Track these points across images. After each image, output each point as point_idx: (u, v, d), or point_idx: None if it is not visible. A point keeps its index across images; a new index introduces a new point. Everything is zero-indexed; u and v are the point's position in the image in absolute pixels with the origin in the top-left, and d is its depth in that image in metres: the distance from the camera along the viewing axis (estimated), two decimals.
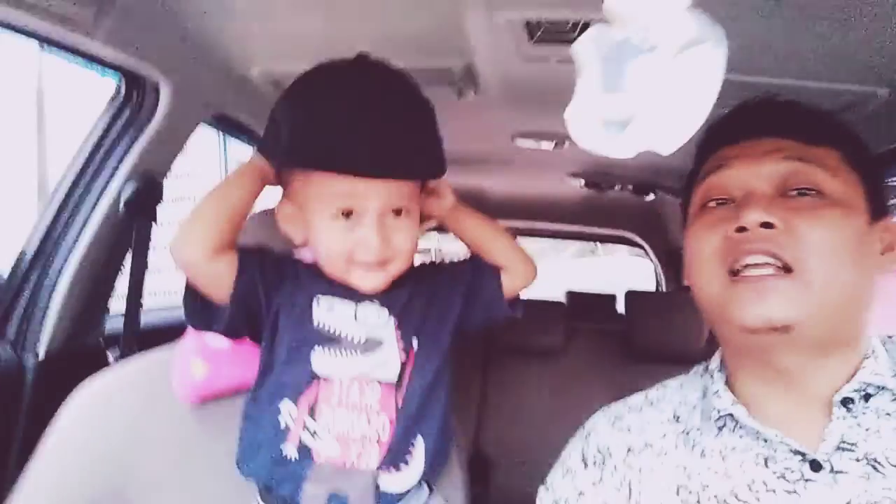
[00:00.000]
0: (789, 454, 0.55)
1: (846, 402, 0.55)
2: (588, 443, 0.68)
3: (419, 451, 0.77)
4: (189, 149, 1.24)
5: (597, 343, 1.99)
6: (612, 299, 2.70)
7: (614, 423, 0.68)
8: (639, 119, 0.48)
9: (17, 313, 1.10)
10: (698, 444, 0.61)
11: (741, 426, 0.59)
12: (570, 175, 1.90)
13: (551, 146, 1.46)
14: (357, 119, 0.70)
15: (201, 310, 0.76)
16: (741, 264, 0.55)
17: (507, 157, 1.69)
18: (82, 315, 1.15)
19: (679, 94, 0.47)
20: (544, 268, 0.88)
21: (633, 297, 1.97)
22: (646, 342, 1.87)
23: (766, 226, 0.55)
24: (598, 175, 1.88)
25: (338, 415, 0.73)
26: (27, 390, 1.07)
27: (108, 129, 1.12)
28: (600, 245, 6.10)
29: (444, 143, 0.78)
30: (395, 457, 0.75)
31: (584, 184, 1.95)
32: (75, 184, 1.12)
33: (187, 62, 1.04)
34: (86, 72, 1.06)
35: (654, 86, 0.47)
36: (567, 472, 0.68)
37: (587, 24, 0.84)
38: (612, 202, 2.19)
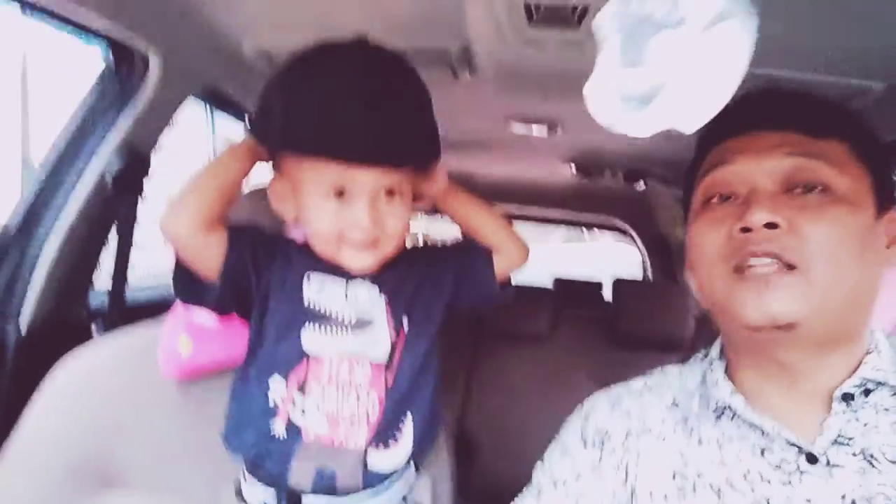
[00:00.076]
0: (786, 446, 0.55)
1: (846, 398, 0.55)
2: (587, 423, 0.68)
3: (408, 430, 0.77)
4: (176, 124, 1.22)
5: (583, 330, 2.00)
6: (599, 287, 2.72)
7: (614, 406, 0.68)
8: (662, 96, 0.47)
9: (0, 287, 1.09)
10: (696, 431, 0.61)
11: (739, 416, 0.58)
12: (561, 160, 1.90)
13: (545, 131, 1.46)
14: (351, 105, 0.69)
15: (190, 285, 0.75)
16: (745, 264, 0.55)
17: (500, 141, 1.68)
18: (66, 289, 1.14)
19: (705, 70, 0.46)
20: (532, 252, 0.88)
21: (621, 285, 1.99)
22: (632, 330, 1.88)
23: (771, 226, 0.54)
24: (590, 161, 1.88)
25: (327, 393, 0.73)
26: (9, 364, 1.06)
27: (95, 102, 1.10)
28: (587, 231, 6.13)
29: (438, 125, 0.78)
30: (384, 436, 0.75)
31: (576, 169, 1.95)
32: (61, 157, 1.09)
33: (177, 33, 1.02)
34: (71, 45, 1.03)
35: (679, 61, 0.46)
36: (565, 452, 0.68)
37: (586, 9, 0.83)
38: (602, 189, 2.19)
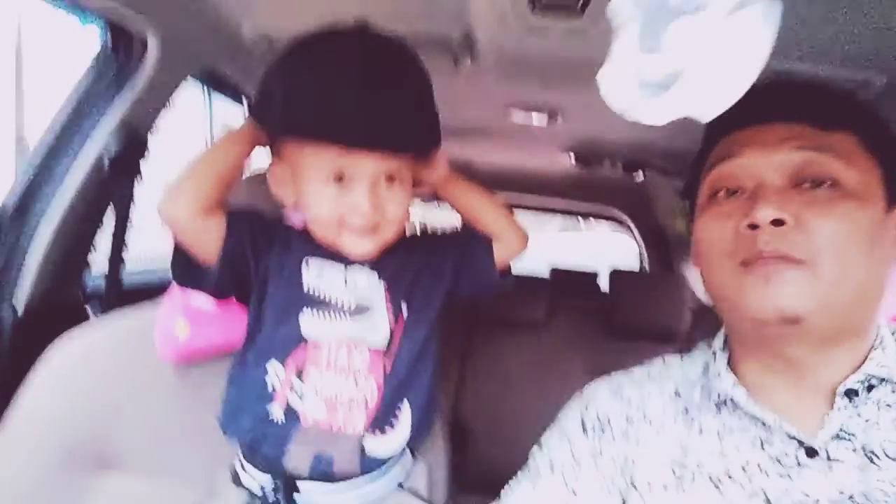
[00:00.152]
0: (786, 439, 0.55)
1: (849, 394, 0.55)
2: (588, 409, 0.68)
3: (405, 416, 0.78)
4: (174, 106, 1.21)
5: (579, 319, 2.00)
6: (595, 277, 2.72)
7: (615, 393, 0.68)
8: (679, 83, 0.46)
9: None
10: (696, 422, 0.61)
11: (740, 408, 0.58)
12: (561, 149, 1.89)
13: (545, 120, 1.45)
14: (351, 91, 0.68)
15: (189, 270, 0.75)
16: (752, 259, 0.54)
17: (500, 129, 1.67)
18: (62, 271, 1.13)
19: (726, 57, 0.45)
20: (530, 241, 0.88)
21: (618, 275, 1.99)
22: (628, 320, 1.89)
23: (777, 223, 0.53)
24: (589, 151, 1.87)
25: (325, 378, 0.73)
26: (4, 345, 1.05)
27: (92, 82, 1.09)
28: (583, 220, 6.13)
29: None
30: (382, 422, 0.76)
31: (575, 159, 1.94)
32: (58, 137, 1.08)
33: (176, 14, 1.01)
34: (66, 25, 1.02)
35: (699, 48, 0.45)
36: (564, 437, 0.68)
37: None
38: (601, 179, 2.19)
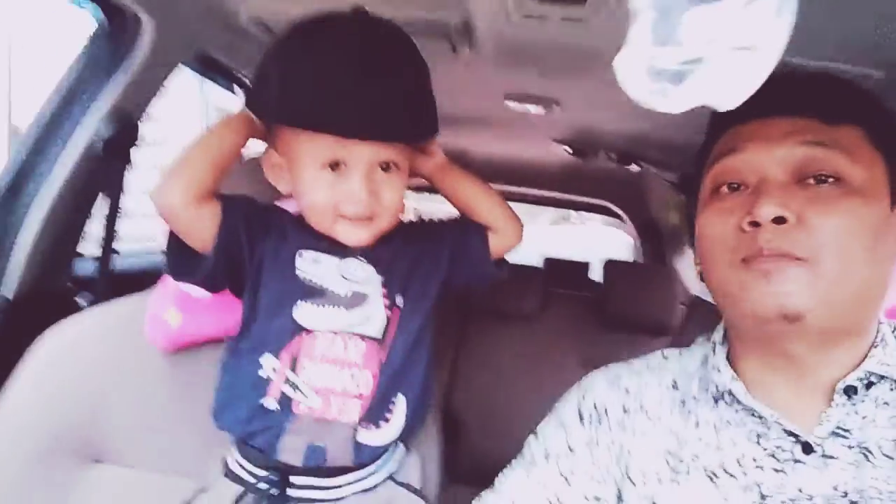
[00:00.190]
0: (783, 434, 0.55)
1: (848, 391, 0.55)
2: (585, 399, 0.68)
3: (400, 408, 0.77)
4: (166, 92, 1.19)
5: (572, 310, 2.00)
6: (586, 267, 2.73)
7: (612, 383, 0.68)
8: (698, 72, 0.45)
9: None
10: (693, 414, 0.61)
11: (738, 401, 0.58)
12: (556, 140, 1.88)
13: (542, 109, 1.44)
14: (348, 78, 0.68)
15: (184, 260, 0.74)
16: (753, 256, 0.54)
17: (497, 119, 1.66)
18: (52, 257, 1.12)
19: (744, 47, 0.44)
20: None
21: (612, 266, 1.99)
22: (621, 311, 1.89)
23: (780, 220, 0.53)
24: (586, 142, 1.86)
25: (320, 368, 0.73)
26: None
27: (84, 66, 1.07)
28: (574, 213, 6.13)
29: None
30: (376, 412, 0.75)
31: (571, 150, 1.93)
32: (48, 122, 1.07)
33: None
34: (57, 9, 1.00)
35: (717, 37, 0.44)
36: (560, 426, 0.68)
37: None
38: (596, 171, 2.18)
